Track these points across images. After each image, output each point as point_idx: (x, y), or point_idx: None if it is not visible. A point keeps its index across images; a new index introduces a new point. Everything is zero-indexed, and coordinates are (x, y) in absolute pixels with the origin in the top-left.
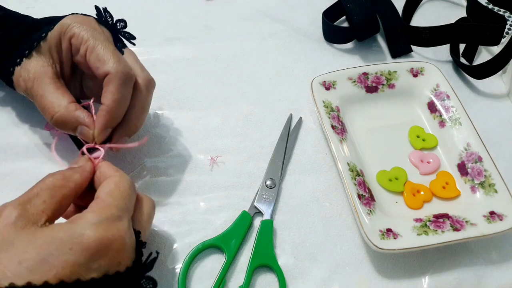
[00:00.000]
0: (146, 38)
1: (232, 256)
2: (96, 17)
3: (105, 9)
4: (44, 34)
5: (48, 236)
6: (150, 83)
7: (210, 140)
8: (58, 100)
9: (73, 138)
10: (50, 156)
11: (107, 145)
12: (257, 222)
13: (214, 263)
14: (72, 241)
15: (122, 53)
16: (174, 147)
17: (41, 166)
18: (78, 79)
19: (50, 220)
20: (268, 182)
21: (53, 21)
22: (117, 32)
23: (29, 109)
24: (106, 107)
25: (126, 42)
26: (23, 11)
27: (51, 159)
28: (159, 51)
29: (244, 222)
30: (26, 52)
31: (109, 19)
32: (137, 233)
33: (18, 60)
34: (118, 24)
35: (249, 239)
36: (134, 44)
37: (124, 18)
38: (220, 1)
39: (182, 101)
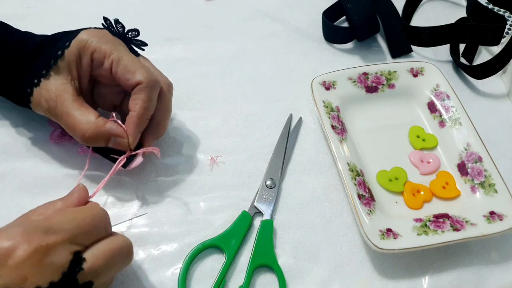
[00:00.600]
0: (146, 38)
1: (232, 256)
2: (106, 28)
3: (116, 20)
4: (60, 52)
5: None
6: (170, 86)
7: (210, 140)
8: (86, 117)
9: (100, 152)
10: (50, 156)
11: (141, 150)
12: (257, 222)
13: (214, 263)
14: None
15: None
16: (174, 147)
17: (41, 166)
18: (89, 88)
19: None
20: (268, 182)
21: (61, 37)
22: (130, 42)
23: (29, 109)
24: (137, 114)
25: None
26: (23, 11)
27: (51, 159)
28: (159, 51)
29: (244, 222)
30: (43, 72)
31: (120, 29)
32: (79, 260)
33: (35, 81)
34: (130, 33)
35: (249, 239)
36: (143, 50)
37: (123, 18)
38: (220, 1)
39: (182, 101)
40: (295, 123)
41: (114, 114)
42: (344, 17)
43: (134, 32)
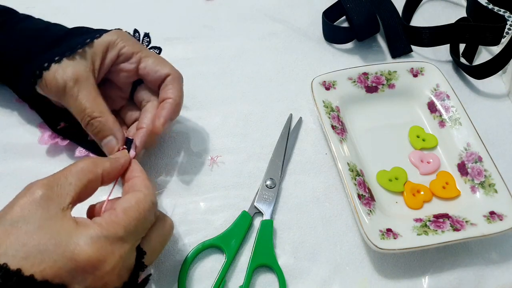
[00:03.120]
0: None
1: (232, 256)
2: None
3: (145, 34)
4: (88, 40)
5: (56, 228)
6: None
7: (210, 140)
8: (100, 106)
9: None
10: (50, 156)
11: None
12: (257, 222)
13: (214, 263)
14: (67, 246)
15: None
16: (174, 147)
17: (41, 166)
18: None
19: (74, 202)
20: (268, 182)
21: (91, 31)
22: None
23: (29, 109)
24: (174, 101)
25: None
26: (23, 11)
27: (51, 159)
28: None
29: (244, 222)
30: (67, 52)
31: (145, 43)
32: (142, 254)
33: (57, 58)
34: (152, 49)
35: (249, 239)
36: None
37: (123, 18)
38: (220, 1)
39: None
40: (295, 123)
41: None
42: (344, 17)
43: (156, 50)
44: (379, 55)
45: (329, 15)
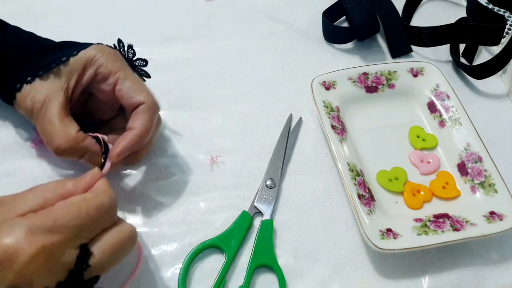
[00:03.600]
0: (146, 38)
1: (232, 256)
2: (117, 50)
3: (129, 46)
4: (65, 58)
5: None
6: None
7: (210, 140)
8: (66, 129)
9: None
10: (50, 156)
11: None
12: (257, 222)
13: (214, 263)
14: None
15: None
16: (174, 147)
17: (41, 166)
18: (83, 99)
19: (24, 215)
20: (268, 182)
21: (71, 46)
22: (135, 68)
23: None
24: (138, 131)
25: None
26: (23, 11)
27: (51, 159)
28: (159, 51)
29: (244, 222)
30: (41, 72)
31: (130, 55)
32: (87, 254)
33: (29, 78)
34: (138, 61)
35: (249, 239)
36: (144, 80)
37: (123, 18)
38: (220, 1)
39: (182, 101)
40: (295, 123)
41: (100, 136)
42: (344, 17)
43: (142, 62)
44: (379, 55)
45: (329, 15)
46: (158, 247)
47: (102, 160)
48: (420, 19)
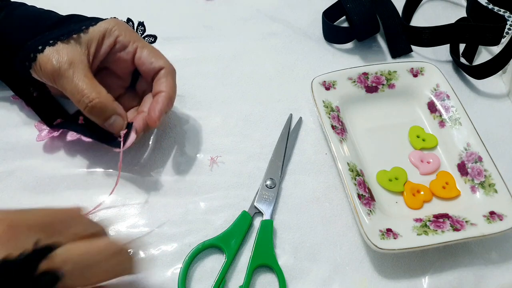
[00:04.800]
0: None
1: (232, 256)
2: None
3: (140, 23)
4: (84, 27)
5: None
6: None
7: (210, 140)
8: (97, 88)
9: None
10: (50, 156)
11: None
12: (257, 222)
13: (214, 263)
14: None
15: None
16: (174, 147)
17: (41, 166)
18: (94, 74)
19: None
20: (268, 182)
21: (88, 19)
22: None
23: (29, 109)
24: (167, 94)
25: None
26: None
27: (51, 159)
28: (159, 51)
29: (244, 222)
30: (62, 36)
31: (140, 32)
32: (48, 246)
33: (51, 41)
34: (147, 38)
35: (249, 239)
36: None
37: (123, 18)
38: (220, 1)
39: (182, 101)
40: (295, 123)
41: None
42: (344, 17)
43: (151, 38)
44: (379, 55)
45: (329, 15)
46: (158, 247)
47: (124, 133)
48: (420, 19)
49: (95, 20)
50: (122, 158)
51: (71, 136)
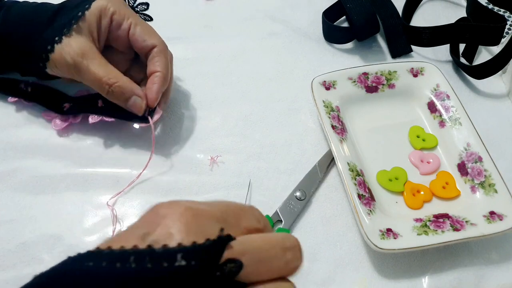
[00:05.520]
0: None
1: None
2: None
3: None
4: (80, 13)
5: None
6: (171, 56)
7: (210, 140)
8: (114, 72)
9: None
10: (50, 156)
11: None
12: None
13: None
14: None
15: None
16: (174, 147)
17: (41, 166)
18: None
19: None
20: (298, 194)
21: (80, 3)
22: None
23: (29, 109)
24: (162, 73)
25: None
26: None
27: (51, 159)
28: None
29: None
30: (65, 30)
31: (132, 2)
32: (228, 238)
33: (57, 38)
34: (139, 7)
35: None
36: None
37: None
38: (220, 1)
39: (182, 101)
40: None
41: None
42: (344, 17)
43: (144, 6)
44: (379, 55)
45: (329, 15)
46: None
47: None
48: (420, 19)
49: (89, 2)
50: (154, 133)
51: (93, 118)
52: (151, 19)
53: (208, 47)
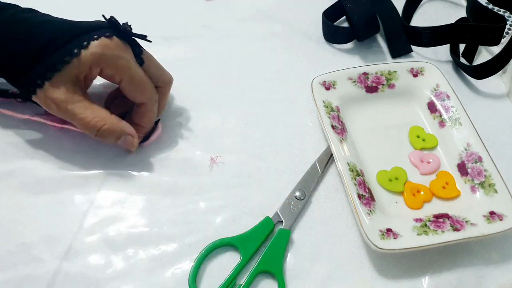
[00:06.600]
0: None
1: (247, 258)
2: (113, 25)
3: (125, 24)
4: (67, 58)
5: None
6: (170, 82)
7: (210, 140)
8: (100, 114)
9: None
10: (50, 156)
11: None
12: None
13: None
14: None
15: (142, 60)
16: (174, 147)
17: (41, 166)
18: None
19: None
20: (297, 194)
21: (72, 39)
22: (132, 37)
23: (29, 109)
24: (144, 129)
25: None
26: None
27: (51, 159)
28: (159, 51)
29: (265, 227)
30: (47, 74)
31: (127, 29)
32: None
33: (39, 82)
34: (126, 27)
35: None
36: (150, 41)
37: (123, 17)
38: (220, 1)
39: (182, 101)
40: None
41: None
42: (344, 17)
43: (128, 27)
44: (379, 55)
45: (329, 15)
46: (158, 247)
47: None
48: (420, 19)
49: (80, 44)
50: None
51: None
52: (148, 41)
53: (208, 47)
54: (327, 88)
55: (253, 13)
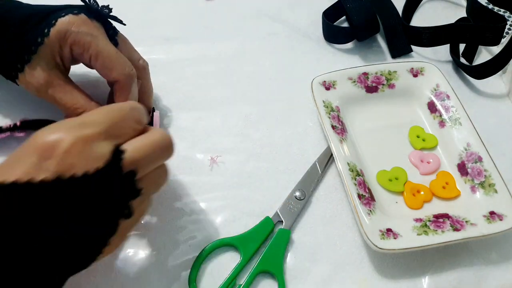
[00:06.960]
0: (146, 38)
1: (247, 258)
2: (86, 4)
3: (104, 6)
4: (40, 39)
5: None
6: (145, 68)
7: (210, 140)
8: (81, 99)
9: None
10: None
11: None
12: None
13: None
14: (30, 142)
15: (116, 41)
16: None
17: None
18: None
19: None
20: (297, 194)
21: (43, 19)
22: (106, 18)
23: (29, 109)
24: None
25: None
26: None
27: None
28: (159, 51)
29: (265, 227)
30: (26, 57)
31: (95, 5)
32: (119, 151)
33: (19, 66)
34: (104, 9)
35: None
36: (125, 24)
37: (123, 17)
38: (220, 1)
39: (182, 101)
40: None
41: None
42: (344, 17)
43: (106, 10)
44: (379, 55)
45: (329, 15)
46: (158, 247)
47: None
48: (420, 19)
49: (48, 24)
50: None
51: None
52: (120, 21)
53: (208, 47)
54: (327, 88)
55: (253, 13)
